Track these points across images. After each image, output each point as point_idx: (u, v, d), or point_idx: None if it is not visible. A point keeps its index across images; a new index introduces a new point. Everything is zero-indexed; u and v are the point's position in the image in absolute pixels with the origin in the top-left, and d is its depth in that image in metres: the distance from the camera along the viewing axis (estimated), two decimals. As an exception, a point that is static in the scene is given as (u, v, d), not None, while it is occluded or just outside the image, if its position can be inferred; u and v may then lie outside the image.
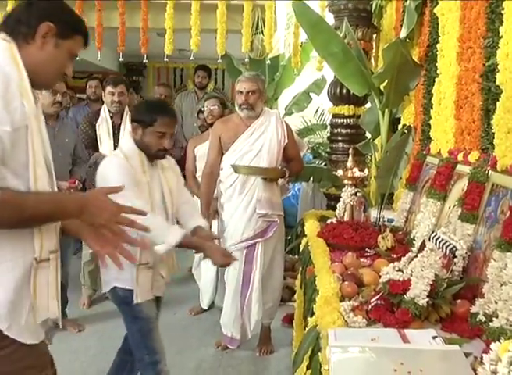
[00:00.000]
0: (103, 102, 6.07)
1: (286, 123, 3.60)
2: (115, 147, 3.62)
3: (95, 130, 4.24)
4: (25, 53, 1.48)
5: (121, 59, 5.26)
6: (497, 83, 2.19)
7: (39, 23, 1.49)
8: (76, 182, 3.72)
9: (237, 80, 3.49)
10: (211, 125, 3.91)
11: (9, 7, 4.85)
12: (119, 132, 4.22)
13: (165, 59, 4.95)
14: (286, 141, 3.48)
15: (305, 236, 3.35)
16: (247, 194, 3.43)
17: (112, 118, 4.26)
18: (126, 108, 4.26)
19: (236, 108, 3.47)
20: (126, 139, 2.58)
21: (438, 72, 3.03)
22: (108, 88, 4.24)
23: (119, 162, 2.44)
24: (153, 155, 2.51)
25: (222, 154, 3.51)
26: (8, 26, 1.51)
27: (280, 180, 3.65)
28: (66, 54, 1.57)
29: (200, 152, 4.09)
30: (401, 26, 3.62)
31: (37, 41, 1.50)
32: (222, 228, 3.56)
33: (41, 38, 1.50)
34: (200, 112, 4.86)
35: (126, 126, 4.12)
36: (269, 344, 3.71)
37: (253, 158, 3.42)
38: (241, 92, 3.40)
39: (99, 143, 4.21)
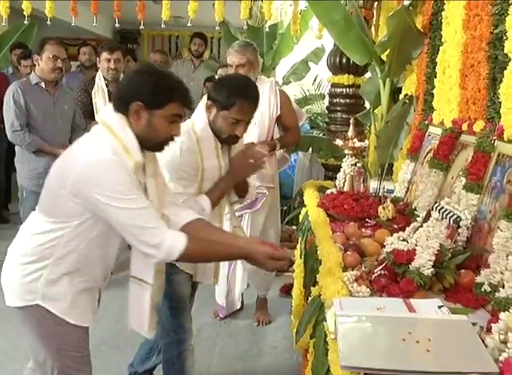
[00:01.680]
0: (97, 69, 6.00)
1: (283, 91, 3.53)
2: None
3: (91, 98, 4.08)
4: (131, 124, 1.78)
5: (117, 25, 5.14)
6: (505, 51, 2.14)
7: (130, 102, 1.75)
8: None
9: (227, 52, 3.39)
10: None
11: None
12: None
13: (162, 26, 4.83)
14: (279, 112, 3.41)
15: (304, 206, 3.34)
16: None
17: (107, 85, 4.08)
18: (122, 76, 4.10)
19: None
20: (201, 117, 2.35)
21: (442, 40, 2.97)
22: (104, 54, 4.06)
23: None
24: (222, 140, 2.34)
25: None
26: (115, 102, 1.82)
27: (278, 152, 3.61)
28: (164, 121, 1.79)
29: None
30: (404, -7, 3.54)
31: (132, 117, 1.77)
32: None
33: (134, 115, 1.76)
34: (209, 80, 4.79)
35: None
36: (266, 315, 3.74)
37: None
38: (231, 66, 3.32)
39: (95, 111, 4.09)
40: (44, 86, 3.82)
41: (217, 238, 1.95)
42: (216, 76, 4.32)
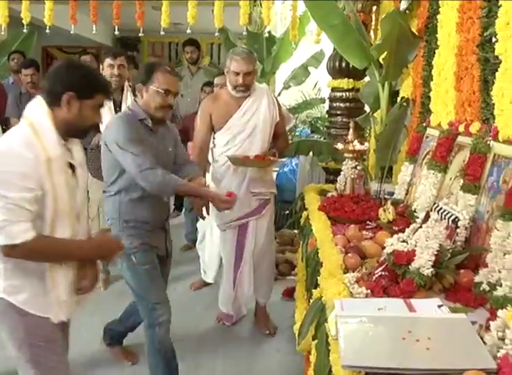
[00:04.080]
0: None
1: (275, 97, 3.54)
2: None
3: None
4: (57, 114, 1.90)
5: (116, 32, 5.16)
6: (496, 53, 2.17)
7: (62, 93, 1.87)
8: None
9: (230, 58, 3.28)
10: None
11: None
12: (120, 110, 3.89)
13: (162, 33, 4.86)
14: (278, 119, 3.42)
15: (305, 210, 3.37)
16: (239, 174, 3.37)
17: (111, 94, 3.91)
18: (126, 83, 3.97)
19: (229, 87, 3.31)
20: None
21: (438, 43, 3.01)
22: (108, 60, 3.91)
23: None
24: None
25: (212, 131, 3.42)
26: (44, 95, 1.92)
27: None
28: (92, 109, 1.94)
29: None
30: (401, -3, 3.59)
31: (64, 106, 1.88)
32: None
33: (66, 105, 1.88)
34: (206, 85, 4.81)
35: (128, 103, 3.88)
36: (269, 322, 3.70)
37: (246, 138, 3.33)
38: (237, 73, 3.23)
39: (100, 123, 4.02)
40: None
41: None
42: (215, 83, 4.33)
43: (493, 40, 2.24)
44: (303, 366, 2.61)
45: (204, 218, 3.34)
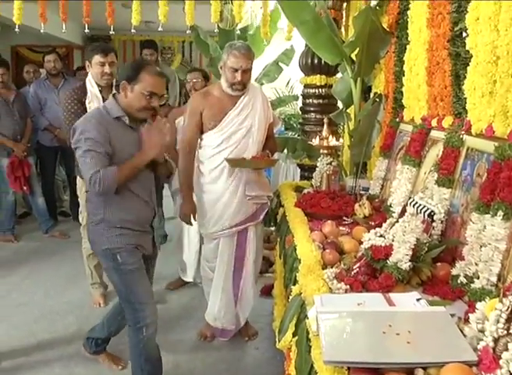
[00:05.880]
0: (64, 76, 5.87)
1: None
2: None
3: (86, 109, 3.46)
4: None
5: (87, 31, 5.08)
6: (467, 47, 2.20)
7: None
8: None
9: (228, 53, 3.02)
10: None
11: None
12: None
13: (133, 31, 4.81)
14: (272, 119, 3.29)
15: (282, 207, 3.37)
16: (236, 177, 3.14)
17: (101, 92, 3.57)
18: (114, 81, 3.54)
19: (224, 84, 3.08)
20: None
21: (409, 39, 3.04)
22: (97, 58, 3.54)
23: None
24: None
25: (201, 131, 3.17)
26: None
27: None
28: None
29: (181, 124, 3.71)
30: (371, -6, 3.61)
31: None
32: (202, 212, 3.25)
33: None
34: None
35: None
36: (252, 328, 3.58)
37: (242, 139, 3.11)
38: (235, 70, 3.00)
39: None
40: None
41: None
42: (187, 80, 4.29)
43: (464, 35, 2.27)
44: (283, 363, 2.61)
45: (191, 224, 3.29)
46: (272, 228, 4.23)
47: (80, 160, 2.46)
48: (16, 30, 4.97)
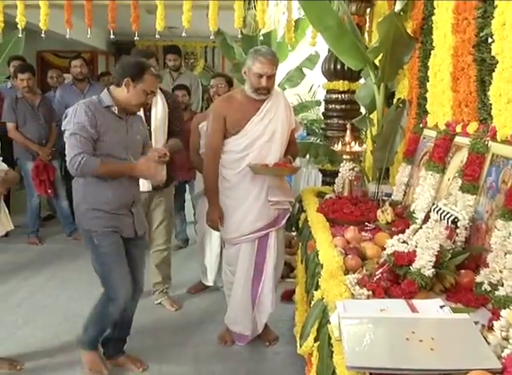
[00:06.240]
0: (89, 81, 5.95)
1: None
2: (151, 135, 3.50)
3: None
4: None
5: (112, 36, 5.15)
6: (492, 53, 2.18)
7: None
8: None
9: (254, 59, 3.02)
10: None
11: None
12: (150, 115, 3.67)
13: (157, 36, 4.87)
14: (294, 125, 3.29)
15: (304, 212, 3.37)
16: (258, 182, 3.14)
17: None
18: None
19: (248, 89, 3.09)
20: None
21: (433, 44, 3.02)
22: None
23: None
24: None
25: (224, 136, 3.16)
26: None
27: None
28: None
29: (204, 129, 3.62)
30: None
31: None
32: (223, 217, 3.24)
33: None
34: (178, 88, 4.84)
35: (158, 109, 3.70)
36: (272, 332, 3.55)
37: (264, 144, 3.11)
38: (261, 75, 3.00)
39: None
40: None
41: None
42: (211, 85, 4.31)
43: (489, 40, 2.25)
44: (303, 368, 2.60)
45: (218, 230, 3.30)
46: (294, 233, 4.23)
47: (66, 141, 2.71)
48: (42, 35, 5.06)
